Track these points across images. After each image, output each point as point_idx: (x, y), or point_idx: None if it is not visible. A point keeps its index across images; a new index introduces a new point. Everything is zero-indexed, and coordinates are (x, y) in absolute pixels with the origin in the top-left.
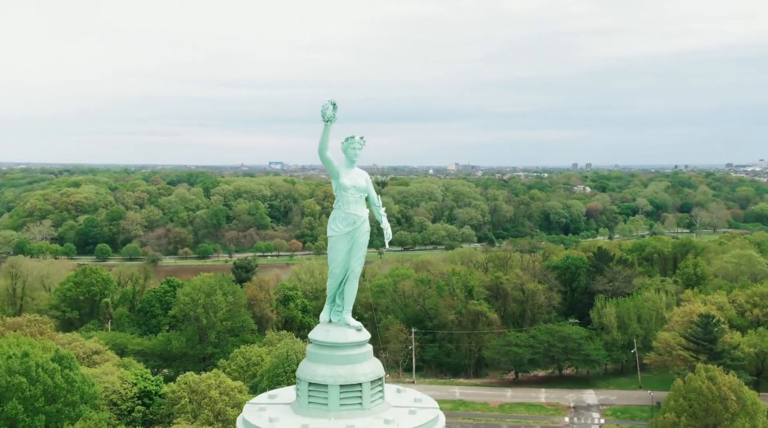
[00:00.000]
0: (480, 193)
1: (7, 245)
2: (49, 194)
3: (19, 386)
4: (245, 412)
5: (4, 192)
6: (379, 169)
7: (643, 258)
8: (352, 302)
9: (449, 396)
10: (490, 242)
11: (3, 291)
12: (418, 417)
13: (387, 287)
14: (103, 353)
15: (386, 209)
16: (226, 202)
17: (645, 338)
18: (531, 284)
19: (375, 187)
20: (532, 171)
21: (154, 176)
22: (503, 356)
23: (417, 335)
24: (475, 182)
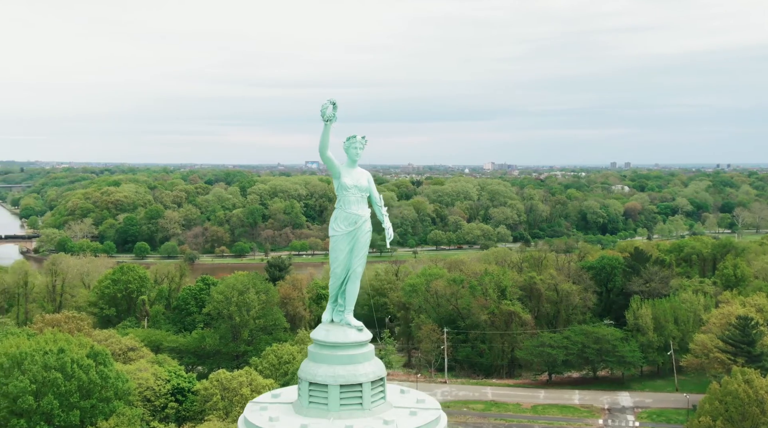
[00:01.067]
0: (516, 192)
1: (49, 242)
2: (90, 193)
3: (55, 381)
4: (246, 411)
5: (47, 191)
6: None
7: (681, 259)
8: (353, 302)
9: (481, 397)
10: (525, 242)
11: (43, 288)
12: (419, 418)
13: (419, 287)
14: (138, 350)
15: (422, 207)
16: (262, 201)
17: (682, 340)
18: (565, 284)
19: (410, 186)
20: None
21: (192, 176)
22: (536, 357)
23: (449, 335)
24: (511, 182)
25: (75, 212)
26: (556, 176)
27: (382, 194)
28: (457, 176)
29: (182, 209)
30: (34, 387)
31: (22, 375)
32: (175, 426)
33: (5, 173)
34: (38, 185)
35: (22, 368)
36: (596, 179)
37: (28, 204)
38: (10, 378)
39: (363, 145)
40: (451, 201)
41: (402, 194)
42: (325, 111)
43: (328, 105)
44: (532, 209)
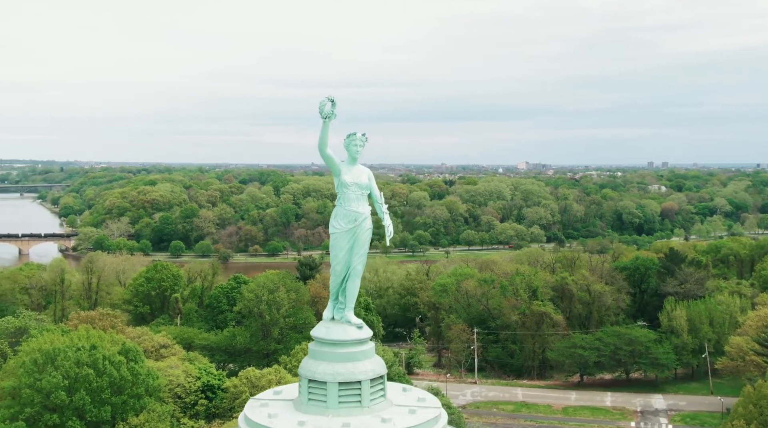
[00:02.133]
0: (550, 192)
1: (87, 241)
2: (127, 192)
3: (87, 377)
4: (247, 408)
5: (86, 190)
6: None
7: (718, 260)
8: (354, 300)
9: (512, 398)
10: (559, 242)
11: (80, 286)
12: (417, 416)
13: (450, 287)
14: (170, 347)
15: (454, 207)
16: (295, 200)
17: (717, 342)
18: (598, 285)
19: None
20: (605, 170)
21: (227, 175)
22: (568, 358)
23: (479, 335)
24: (546, 181)
25: (112, 211)
26: (591, 175)
27: (416, 194)
28: (490, 175)
29: (216, 209)
30: (66, 382)
31: (55, 371)
32: (205, 423)
33: (45, 173)
34: (77, 184)
35: (56, 364)
36: (632, 179)
37: (67, 203)
38: (43, 374)
39: (363, 142)
40: (484, 201)
41: (434, 193)
42: (323, 108)
43: (326, 102)
44: (567, 209)
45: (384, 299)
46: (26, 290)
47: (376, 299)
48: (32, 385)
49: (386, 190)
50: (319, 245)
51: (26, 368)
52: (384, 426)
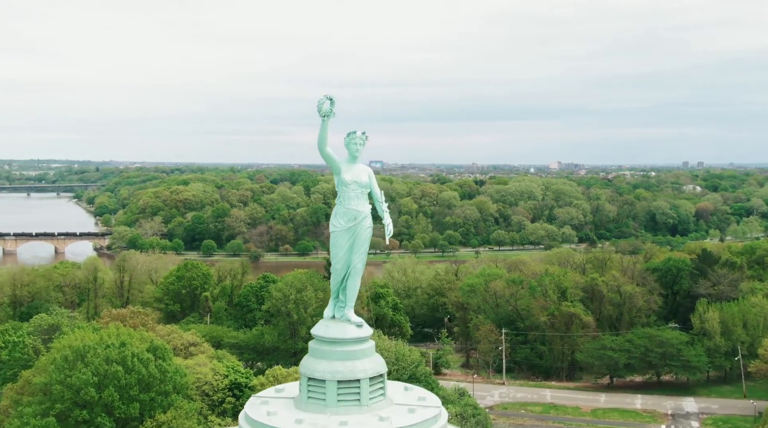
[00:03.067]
0: (582, 192)
1: (121, 240)
2: (160, 191)
3: (116, 374)
4: (247, 405)
5: (120, 190)
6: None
7: (753, 261)
8: (354, 299)
9: (540, 399)
10: (591, 243)
11: (112, 284)
12: (416, 415)
13: (478, 287)
14: (199, 345)
15: (484, 207)
16: (326, 200)
17: (751, 345)
18: (628, 286)
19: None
20: (639, 170)
21: (258, 175)
22: (597, 360)
23: (508, 336)
24: (578, 181)
25: (146, 210)
26: (624, 175)
27: (446, 193)
28: (521, 175)
29: (248, 208)
30: (96, 379)
31: (85, 368)
32: (232, 420)
33: (81, 173)
34: (112, 184)
35: (85, 361)
36: (666, 179)
37: (102, 202)
38: (73, 371)
39: (363, 141)
40: (515, 201)
41: (465, 193)
42: (321, 107)
43: (324, 101)
44: (599, 210)
45: (412, 299)
46: (60, 288)
47: (405, 300)
48: (62, 381)
49: (416, 190)
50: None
51: (57, 364)
52: (381, 424)
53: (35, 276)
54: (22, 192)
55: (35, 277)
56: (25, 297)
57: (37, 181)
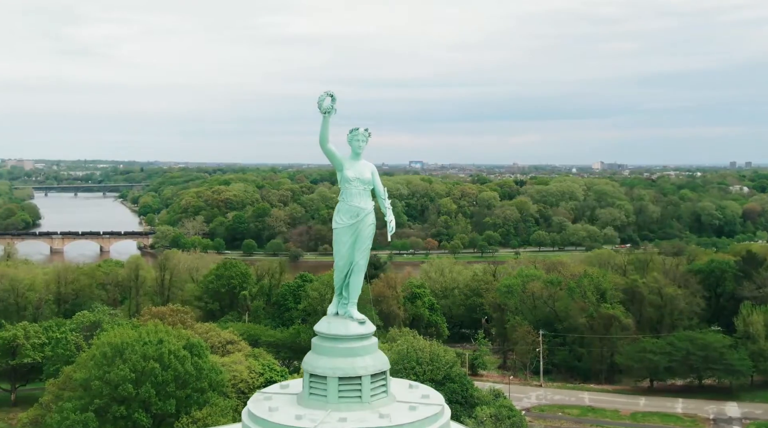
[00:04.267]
0: (625, 193)
1: (163, 239)
2: (203, 191)
3: (153, 371)
4: (251, 401)
5: (164, 190)
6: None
7: None
8: (357, 296)
9: (578, 402)
10: (634, 244)
11: (154, 282)
12: (417, 413)
13: (515, 288)
14: (236, 343)
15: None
16: None
17: None
18: (670, 288)
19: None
20: (684, 170)
21: (299, 175)
22: (637, 362)
23: (545, 337)
24: (620, 182)
25: (188, 209)
26: (669, 176)
27: (486, 194)
28: (563, 175)
29: (288, 208)
30: (133, 375)
31: (123, 364)
32: None
33: (127, 173)
34: (156, 184)
35: (124, 357)
36: (712, 180)
37: (146, 202)
38: (112, 367)
39: (366, 137)
40: (556, 201)
41: (505, 194)
42: (322, 103)
43: (325, 97)
44: (642, 210)
45: (449, 299)
46: (103, 286)
47: (442, 300)
48: (101, 377)
49: (455, 190)
50: (388, 244)
51: (96, 360)
52: (381, 421)
53: (79, 274)
54: (69, 192)
55: (79, 275)
56: (69, 295)
57: (84, 181)
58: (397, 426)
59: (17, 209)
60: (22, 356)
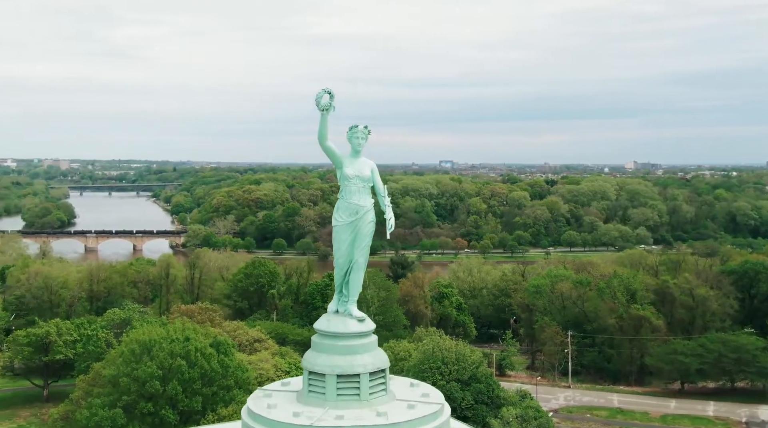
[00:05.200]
0: (658, 192)
1: (195, 238)
2: (233, 191)
3: (180, 368)
4: (250, 398)
5: (196, 189)
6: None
7: None
8: (357, 293)
9: (607, 403)
10: (667, 245)
11: (184, 280)
12: (415, 411)
13: (544, 288)
14: (264, 341)
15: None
16: (394, 200)
17: None
18: (702, 289)
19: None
20: (719, 169)
21: (329, 175)
22: (668, 364)
23: (574, 338)
24: (654, 181)
25: (219, 209)
26: (704, 175)
27: (516, 193)
28: (594, 175)
29: (318, 207)
30: (160, 372)
31: (150, 361)
32: None
33: (160, 173)
34: (188, 183)
35: (151, 354)
36: (749, 179)
37: (179, 201)
38: (140, 364)
39: (365, 135)
40: (587, 201)
41: (535, 193)
42: (320, 100)
43: (323, 94)
44: (675, 210)
45: (477, 299)
46: (135, 284)
47: (470, 300)
48: (129, 374)
49: (485, 190)
50: (417, 244)
51: (125, 357)
52: (378, 419)
53: (111, 272)
54: (104, 191)
55: (111, 273)
56: (101, 292)
57: (118, 180)
58: (393, 424)
59: (53, 208)
60: (55, 352)
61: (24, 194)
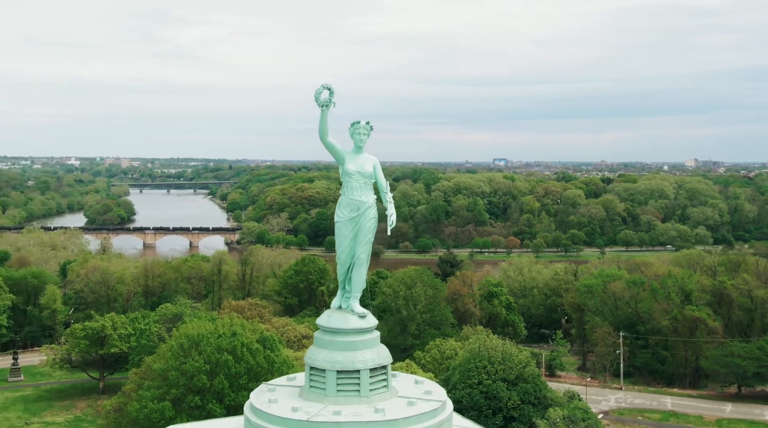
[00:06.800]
0: (719, 191)
1: (249, 235)
2: (287, 189)
3: (226, 363)
4: (254, 393)
5: (251, 187)
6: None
7: None
8: (359, 289)
9: (660, 406)
10: (727, 245)
11: (236, 276)
12: (414, 408)
13: (596, 288)
14: (312, 338)
15: (611, 206)
16: (446, 198)
17: None
18: (761, 290)
19: (599, 184)
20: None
21: None
22: (724, 367)
23: (626, 339)
24: (714, 180)
25: (273, 206)
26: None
27: (570, 192)
28: (653, 173)
29: None
30: (208, 367)
31: (198, 356)
32: None
33: (216, 171)
34: (243, 181)
35: (199, 349)
36: None
37: (234, 199)
38: (188, 358)
39: (367, 131)
40: (645, 200)
41: (590, 192)
42: (319, 96)
43: (322, 90)
44: (737, 209)
45: (528, 299)
46: (188, 279)
47: (520, 299)
48: (178, 368)
49: (538, 188)
50: (469, 243)
51: (174, 352)
52: (375, 416)
53: (166, 268)
54: (162, 189)
55: (166, 269)
56: (156, 288)
57: (176, 178)
58: (390, 420)
59: (113, 205)
60: (110, 346)
61: (86, 192)
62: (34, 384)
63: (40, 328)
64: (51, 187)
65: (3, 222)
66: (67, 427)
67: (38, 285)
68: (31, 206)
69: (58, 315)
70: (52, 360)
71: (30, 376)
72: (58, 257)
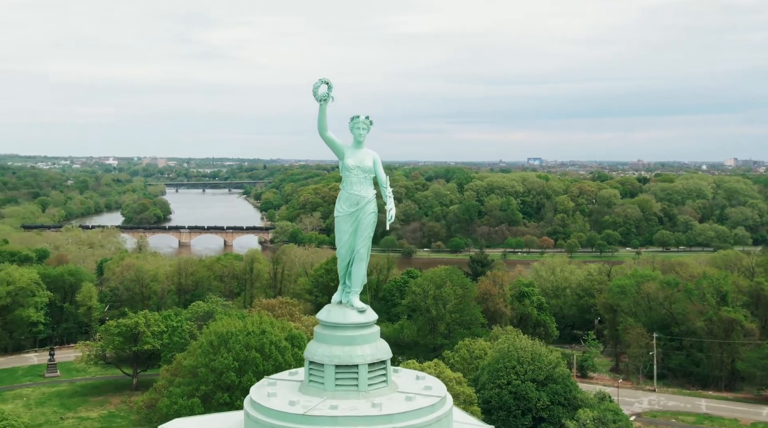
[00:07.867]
0: (758, 191)
1: (282, 234)
2: (320, 188)
3: (254, 360)
4: (254, 386)
5: (284, 186)
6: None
7: None
8: (359, 284)
9: (694, 409)
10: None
11: (268, 275)
12: (412, 403)
13: (629, 288)
14: None
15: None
16: (479, 197)
17: None
18: None
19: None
20: None
21: (414, 172)
22: (761, 370)
23: (660, 340)
24: (754, 179)
25: (306, 206)
26: None
27: (605, 191)
28: (690, 172)
29: (401, 205)
30: (236, 364)
31: (227, 353)
32: None
33: (250, 170)
34: (277, 180)
35: (228, 346)
36: None
37: (268, 198)
38: (217, 355)
39: (367, 125)
40: (682, 200)
41: (626, 191)
42: (317, 91)
43: (320, 85)
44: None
45: (560, 299)
46: (221, 278)
47: (553, 299)
48: (207, 365)
49: (573, 187)
50: (502, 242)
51: (204, 349)
52: (372, 410)
53: (199, 266)
54: (198, 188)
55: (199, 267)
56: (189, 286)
57: (212, 178)
58: (387, 415)
59: (150, 204)
60: (143, 342)
61: (124, 191)
62: (70, 380)
63: (77, 325)
64: (90, 186)
65: (43, 221)
66: (101, 422)
67: (75, 283)
68: (71, 205)
69: (94, 312)
70: (87, 357)
71: (66, 372)
72: (95, 256)
